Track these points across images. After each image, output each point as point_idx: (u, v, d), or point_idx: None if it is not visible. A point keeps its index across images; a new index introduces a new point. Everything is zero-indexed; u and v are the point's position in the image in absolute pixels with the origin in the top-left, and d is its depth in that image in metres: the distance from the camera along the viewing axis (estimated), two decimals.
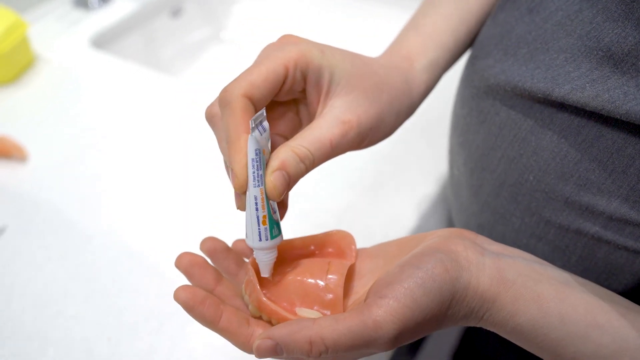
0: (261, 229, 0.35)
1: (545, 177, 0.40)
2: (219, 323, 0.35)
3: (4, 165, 0.72)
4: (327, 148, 0.36)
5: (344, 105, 0.38)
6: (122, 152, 0.75)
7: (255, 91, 0.34)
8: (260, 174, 0.34)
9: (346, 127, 0.37)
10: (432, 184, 0.71)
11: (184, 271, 0.38)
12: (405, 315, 0.32)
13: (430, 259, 0.34)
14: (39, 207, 0.67)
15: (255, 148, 0.33)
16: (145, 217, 0.66)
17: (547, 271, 0.36)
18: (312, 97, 0.38)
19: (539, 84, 0.39)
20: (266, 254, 0.37)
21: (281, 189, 0.34)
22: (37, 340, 0.54)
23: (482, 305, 0.34)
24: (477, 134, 0.46)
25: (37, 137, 0.77)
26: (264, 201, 0.34)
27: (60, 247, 0.63)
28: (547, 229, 0.42)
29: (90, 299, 0.58)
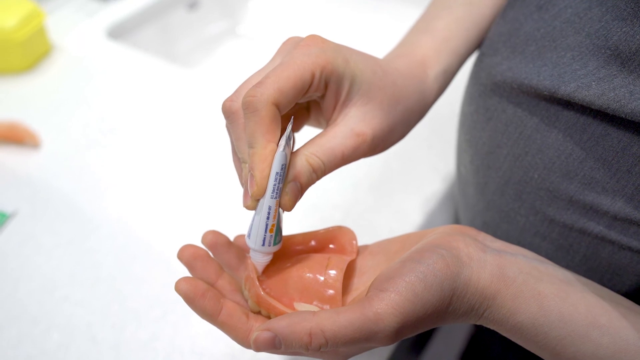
0: (267, 236, 0.36)
1: (550, 175, 0.40)
2: (218, 316, 0.35)
3: (17, 151, 0.73)
4: (338, 159, 0.37)
5: (359, 116, 0.38)
6: (134, 142, 0.76)
7: (283, 98, 0.34)
8: (280, 187, 0.34)
9: (359, 140, 0.37)
10: (441, 181, 0.70)
11: (185, 263, 0.39)
12: (406, 309, 0.32)
13: (432, 254, 0.34)
14: (49, 193, 0.68)
15: (283, 163, 0.34)
16: (153, 207, 0.67)
17: (548, 269, 0.36)
18: (329, 103, 0.38)
19: (545, 82, 0.39)
20: (263, 257, 0.37)
21: (294, 201, 0.35)
22: (42, 324, 0.55)
23: (482, 302, 0.34)
24: (484, 132, 0.46)
25: (51, 124, 0.78)
26: (276, 212, 0.35)
27: (68, 233, 0.63)
28: (551, 227, 0.42)
29: (96, 286, 0.58)
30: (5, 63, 0.86)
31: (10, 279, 0.59)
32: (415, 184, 0.70)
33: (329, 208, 0.67)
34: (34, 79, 0.87)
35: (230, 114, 0.37)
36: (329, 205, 0.67)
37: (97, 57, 0.92)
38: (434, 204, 0.68)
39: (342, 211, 0.67)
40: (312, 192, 0.68)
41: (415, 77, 0.43)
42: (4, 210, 0.65)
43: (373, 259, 0.40)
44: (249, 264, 0.38)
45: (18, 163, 0.72)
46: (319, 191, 0.69)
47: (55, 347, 0.53)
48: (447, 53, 0.46)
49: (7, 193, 0.68)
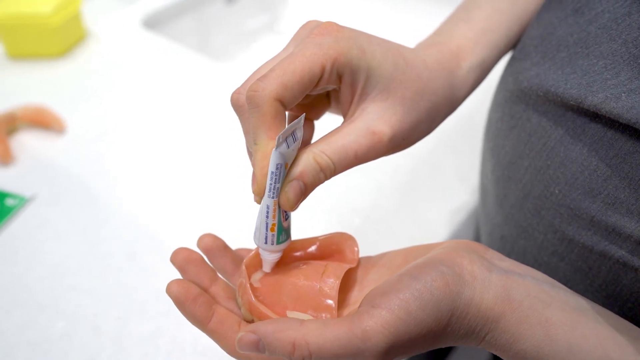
0: (268, 235, 0.35)
1: (572, 191, 0.37)
2: (208, 324, 0.34)
3: (42, 136, 0.74)
4: (350, 159, 0.34)
5: (378, 113, 0.35)
6: (160, 134, 0.75)
7: (287, 93, 0.32)
8: (278, 187, 0.33)
9: (375, 139, 0.35)
10: (469, 191, 0.67)
11: (178, 267, 0.37)
12: (397, 328, 0.30)
13: (431, 270, 0.32)
14: (69, 180, 0.68)
15: (278, 162, 0.32)
16: (171, 203, 0.66)
17: (559, 294, 0.32)
18: (346, 97, 0.36)
19: (572, 90, 0.36)
20: (270, 254, 0.36)
21: (294, 201, 0.33)
22: (48, 311, 0.55)
23: (484, 325, 0.32)
24: (507, 140, 0.43)
25: (78, 111, 0.78)
26: (275, 211, 0.34)
27: (83, 221, 0.63)
28: (569, 248, 0.39)
29: (105, 276, 0.58)
30: (39, 48, 0.87)
31: (21, 263, 0.59)
32: (441, 192, 0.68)
33: (348, 211, 0.65)
34: (66, 64, 0.88)
35: (238, 107, 0.35)
36: (348, 208, 0.65)
37: (131, 46, 0.93)
38: (459, 215, 0.65)
39: (361, 216, 0.65)
40: (330, 194, 0.66)
41: (444, 68, 0.40)
42: (23, 194, 0.66)
43: (375, 271, 0.38)
44: (243, 270, 0.36)
45: (42, 147, 0.72)
46: (338, 193, 0.67)
47: (59, 335, 0.53)
48: (485, 45, 0.43)
49: (28, 177, 0.68)
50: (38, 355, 0.51)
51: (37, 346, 0.52)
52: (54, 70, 0.86)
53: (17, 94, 0.80)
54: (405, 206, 0.66)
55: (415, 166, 0.70)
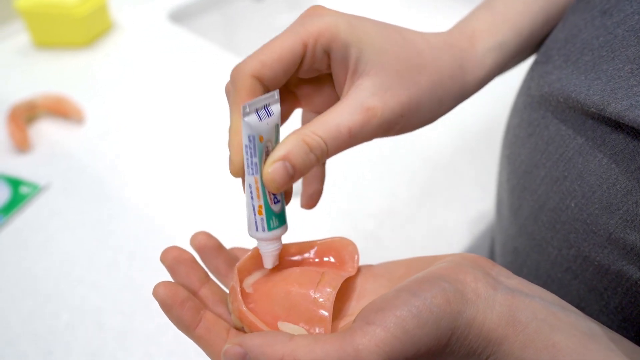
0: (257, 219, 0.33)
1: (589, 205, 0.35)
2: (195, 330, 0.32)
3: (61, 125, 0.74)
4: (344, 137, 0.32)
5: (371, 88, 0.33)
6: (179, 131, 0.75)
7: (266, 71, 0.31)
8: (255, 161, 0.31)
9: (369, 115, 0.33)
10: (489, 202, 0.65)
11: (168, 267, 0.35)
12: (392, 348, 0.28)
13: (432, 286, 0.29)
14: (84, 171, 0.68)
15: (248, 134, 0.30)
16: (185, 201, 0.65)
17: (569, 318, 0.30)
18: (339, 75, 0.34)
19: (594, 97, 0.34)
20: (266, 245, 0.34)
21: (280, 181, 0.31)
22: (54, 302, 0.55)
23: (486, 347, 0.30)
24: (524, 148, 0.41)
25: (99, 102, 0.78)
26: (259, 190, 0.32)
27: (94, 213, 0.63)
28: (584, 265, 0.36)
29: (112, 270, 0.57)
30: (65, 38, 0.87)
31: (31, 252, 0.59)
32: (460, 201, 0.65)
33: (363, 216, 0.63)
34: (90, 55, 0.88)
35: (227, 94, 0.35)
36: (363, 213, 0.64)
37: (157, 39, 0.92)
38: (476, 225, 0.63)
39: (376, 221, 0.63)
40: (346, 197, 0.65)
41: (453, 47, 0.38)
42: (37, 182, 0.66)
43: (375, 281, 0.36)
44: (235, 274, 0.34)
45: (59, 137, 0.73)
46: (354, 196, 0.65)
47: (63, 327, 0.53)
48: (506, 27, 0.40)
49: (44, 166, 0.68)
50: (41, 346, 0.51)
51: (40, 337, 0.52)
52: (78, 61, 0.87)
53: (40, 82, 0.81)
54: (422, 213, 0.63)
55: (434, 173, 0.68)
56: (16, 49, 0.89)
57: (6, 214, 0.62)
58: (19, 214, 0.63)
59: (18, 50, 0.88)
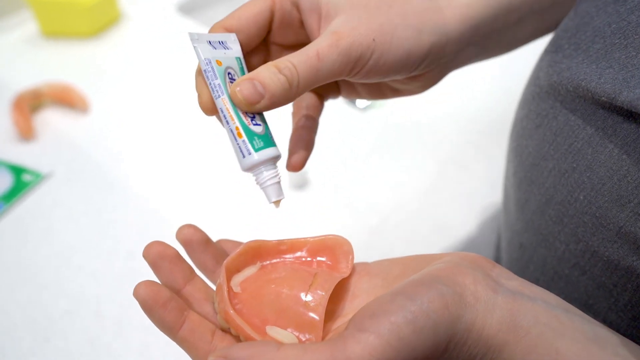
0: (239, 143, 0.31)
1: (598, 198, 0.33)
2: (178, 332, 0.30)
3: (66, 114, 0.74)
4: (313, 60, 0.32)
5: (340, 21, 0.33)
6: (183, 120, 0.74)
7: (235, 22, 0.33)
8: (217, 83, 0.32)
9: (336, 37, 0.32)
10: (496, 196, 0.64)
11: (150, 263, 0.34)
12: (387, 356, 0.26)
13: (429, 290, 0.28)
14: (87, 160, 0.67)
15: (204, 57, 0.31)
16: (187, 193, 0.65)
17: (573, 322, 0.29)
18: (311, 25, 0.35)
19: (606, 85, 0.32)
20: (260, 174, 0.32)
21: (249, 96, 0.31)
22: (52, 290, 0.54)
23: (485, 353, 0.28)
24: (531, 139, 0.39)
25: (104, 92, 0.78)
26: (229, 111, 0.31)
27: (96, 203, 0.62)
28: (593, 261, 0.35)
29: (112, 259, 0.57)
30: (72, 27, 0.87)
31: (31, 240, 0.59)
32: (467, 197, 0.64)
33: (366, 210, 0.62)
34: (97, 45, 0.87)
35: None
36: (366, 206, 0.62)
37: (165, 31, 0.92)
38: (483, 222, 0.61)
39: (379, 215, 0.61)
40: (350, 190, 0.63)
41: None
42: (39, 170, 0.65)
43: (369, 280, 0.34)
44: (222, 272, 0.33)
45: (64, 126, 0.72)
46: (358, 190, 0.64)
47: (61, 314, 0.52)
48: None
49: (47, 154, 0.68)
50: (38, 333, 0.50)
51: (38, 324, 0.51)
52: (85, 50, 0.86)
53: (47, 71, 0.80)
54: (428, 209, 0.62)
55: (442, 168, 0.67)
56: (24, 38, 0.88)
57: (8, 202, 0.62)
58: (21, 201, 0.62)
59: (26, 39, 0.88)
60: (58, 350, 0.49)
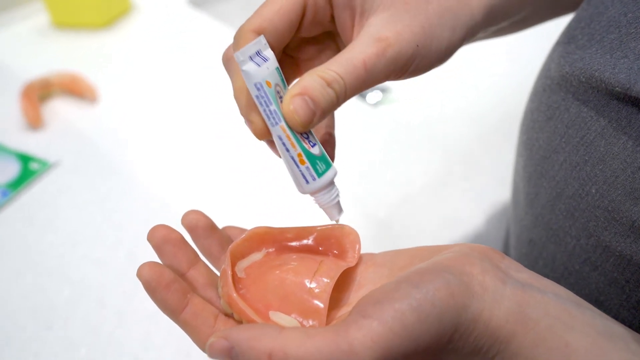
0: (302, 170, 0.31)
1: (611, 192, 0.33)
2: (180, 314, 0.30)
3: (75, 104, 0.74)
4: (360, 71, 0.30)
5: (382, 22, 0.31)
6: (192, 112, 0.74)
7: (267, 25, 0.30)
8: (273, 109, 0.29)
9: (383, 45, 0.31)
10: (505, 192, 0.63)
11: (154, 246, 0.33)
12: (390, 343, 0.25)
13: (435, 278, 0.27)
14: (94, 150, 0.67)
15: (255, 82, 0.28)
16: (194, 183, 0.64)
17: (584, 316, 0.28)
18: (344, 22, 0.33)
19: (620, 75, 0.31)
20: (323, 196, 0.32)
21: (303, 114, 0.29)
22: (56, 277, 0.54)
23: (492, 345, 0.28)
24: (542, 132, 0.38)
25: (113, 83, 0.78)
26: (290, 138, 0.30)
27: (102, 192, 0.62)
28: (605, 256, 0.34)
29: (117, 249, 0.56)
30: (83, 18, 0.87)
31: (37, 228, 0.58)
32: (476, 192, 0.63)
33: (373, 203, 0.61)
34: (107, 36, 0.87)
35: (227, 61, 0.33)
36: (374, 200, 0.62)
37: (175, 23, 0.92)
38: (492, 218, 0.60)
39: (387, 209, 0.61)
40: (358, 182, 0.63)
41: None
42: (47, 159, 0.65)
43: (375, 271, 0.34)
44: (227, 256, 0.33)
45: (72, 115, 0.72)
46: (366, 182, 0.63)
47: (64, 302, 0.52)
48: None
49: (55, 143, 0.68)
50: (40, 320, 0.50)
51: (40, 311, 0.51)
52: (95, 41, 0.86)
53: (57, 61, 0.80)
54: (435, 203, 0.61)
55: (450, 163, 0.66)
56: (35, 28, 0.88)
57: (15, 189, 0.61)
58: (27, 189, 0.62)
59: (37, 30, 0.88)
60: (60, 338, 0.49)
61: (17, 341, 0.49)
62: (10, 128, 0.70)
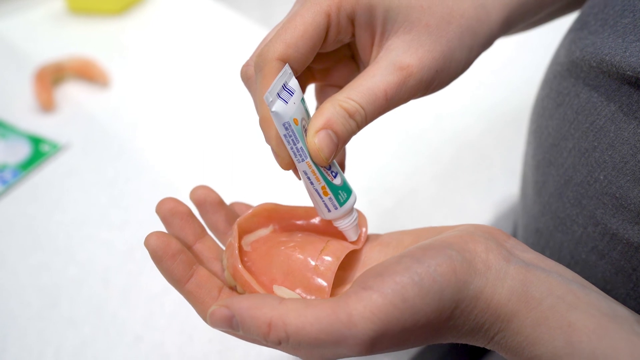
0: (325, 201, 0.32)
1: (619, 178, 0.32)
2: (185, 284, 0.30)
3: (86, 88, 0.74)
4: (381, 101, 0.30)
5: (403, 47, 0.31)
6: (202, 100, 0.74)
7: (292, 51, 0.29)
8: (300, 147, 0.29)
9: (404, 74, 0.30)
10: (514, 184, 0.62)
11: (162, 218, 0.34)
12: (389, 316, 0.25)
13: (438, 254, 0.27)
14: (104, 133, 0.68)
15: (283, 122, 0.28)
16: (202, 169, 0.64)
17: (589, 297, 0.27)
18: (364, 41, 0.32)
19: (631, 59, 0.31)
20: (343, 221, 0.33)
21: (327, 151, 0.29)
22: (63, 256, 0.54)
23: (493, 323, 0.27)
24: (551, 120, 0.38)
25: (126, 69, 0.78)
26: (315, 173, 0.30)
27: (110, 175, 0.62)
28: (612, 244, 0.34)
29: (123, 230, 0.57)
30: (98, 5, 0.87)
31: (45, 208, 0.59)
32: (484, 184, 0.62)
33: (381, 192, 0.61)
34: (122, 23, 0.88)
35: (247, 80, 0.33)
36: (382, 189, 0.61)
37: (190, 11, 0.92)
38: (500, 209, 0.60)
39: (394, 198, 0.60)
40: (365, 172, 0.62)
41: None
42: (57, 141, 0.65)
43: (381, 250, 0.34)
44: (234, 229, 0.33)
45: (84, 99, 0.72)
46: (373, 172, 0.63)
47: (69, 281, 0.52)
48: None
49: (66, 126, 0.68)
50: (46, 298, 0.50)
51: (46, 289, 0.51)
52: (110, 28, 0.87)
53: (71, 46, 0.81)
54: (443, 194, 0.61)
55: (459, 154, 0.65)
56: (51, 14, 0.89)
57: (25, 169, 0.62)
58: (38, 170, 0.63)
59: (53, 15, 0.89)
60: (64, 316, 0.49)
61: (22, 318, 0.49)
62: (23, 110, 0.70)
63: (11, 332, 0.48)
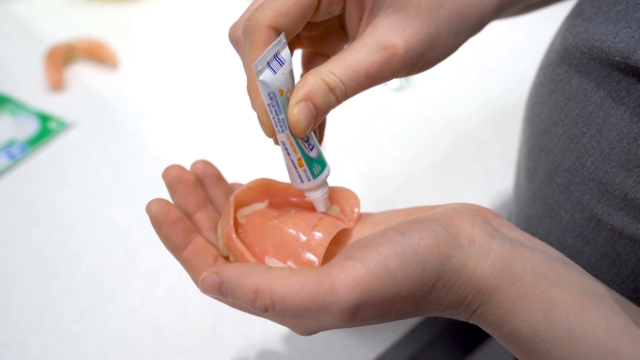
0: (300, 172, 0.32)
1: (606, 163, 0.32)
2: (182, 251, 0.32)
3: (96, 69, 0.75)
4: (362, 78, 0.31)
5: (390, 26, 0.31)
6: (209, 85, 0.74)
7: (282, 20, 0.30)
8: (282, 117, 0.30)
9: (388, 54, 0.31)
10: (511, 175, 0.62)
11: (168, 184, 0.35)
12: (371, 285, 0.26)
13: (422, 228, 0.28)
14: (111, 113, 0.69)
15: (269, 92, 0.29)
16: (208, 149, 0.65)
17: (572, 275, 0.28)
18: (353, 15, 0.33)
19: (620, 44, 0.31)
20: (314, 193, 0.34)
21: (305, 123, 0.30)
22: (65, 231, 0.55)
23: (475, 297, 0.28)
24: (544, 106, 0.38)
25: (135, 51, 0.79)
26: (293, 145, 0.31)
27: (115, 154, 0.63)
28: (597, 229, 0.34)
29: (126, 207, 0.58)
30: None
31: (51, 184, 0.60)
32: (482, 173, 0.63)
33: (378, 179, 0.61)
34: (134, 7, 0.89)
35: (235, 42, 0.34)
36: (379, 175, 0.62)
37: None
38: (497, 198, 0.60)
39: (391, 185, 0.61)
40: (362, 158, 0.63)
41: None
42: (64, 119, 0.67)
43: (372, 229, 0.34)
44: (230, 200, 0.34)
45: (93, 79, 0.73)
46: (371, 158, 0.63)
47: (69, 255, 0.53)
48: None
49: (74, 104, 0.69)
50: (46, 270, 0.52)
51: (47, 261, 0.52)
52: (121, 11, 0.88)
53: (83, 28, 0.82)
54: (441, 182, 0.61)
55: (458, 143, 0.66)
56: None
57: (32, 145, 0.63)
58: (45, 147, 0.64)
59: None
60: (64, 288, 0.50)
61: (24, 289, 0.50)
62: (33, 88, 0.72)
63: (13, 301, 0.49)
